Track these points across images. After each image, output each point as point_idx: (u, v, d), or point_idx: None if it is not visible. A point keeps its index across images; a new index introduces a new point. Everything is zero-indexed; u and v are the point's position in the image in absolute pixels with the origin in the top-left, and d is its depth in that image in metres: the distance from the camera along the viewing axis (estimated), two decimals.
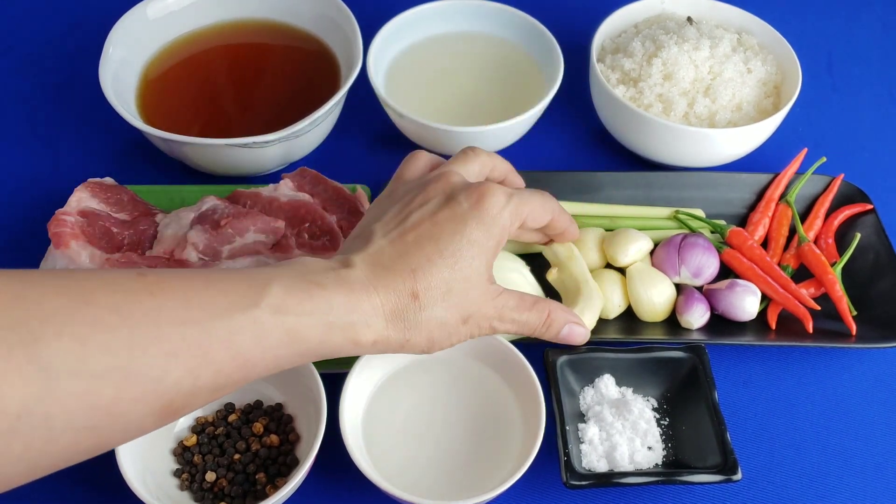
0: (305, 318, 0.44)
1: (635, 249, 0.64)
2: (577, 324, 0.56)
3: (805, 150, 0.74)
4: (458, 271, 0.49)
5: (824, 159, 0.73)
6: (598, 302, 0.61)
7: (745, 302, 0.63)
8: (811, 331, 0.63)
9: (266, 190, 0.67)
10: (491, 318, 0.52)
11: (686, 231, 0.68)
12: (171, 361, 0.40)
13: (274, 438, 0.57)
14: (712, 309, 0.64)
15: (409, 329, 0.48)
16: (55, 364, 0.37)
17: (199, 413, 0.58)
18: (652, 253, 0.66)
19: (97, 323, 0.39)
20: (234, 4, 0.81)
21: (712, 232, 0.70)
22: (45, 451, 0.38)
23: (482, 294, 0.51)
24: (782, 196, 0.72)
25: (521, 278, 0.62)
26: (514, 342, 0.58)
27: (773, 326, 0.64)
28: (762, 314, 0.65)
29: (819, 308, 0.64)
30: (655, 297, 0.63)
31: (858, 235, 0.68)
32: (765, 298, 0.66)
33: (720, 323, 0.65)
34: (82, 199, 0.65)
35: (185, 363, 0.41)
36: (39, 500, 0.56)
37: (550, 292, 0.65)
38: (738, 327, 0.64)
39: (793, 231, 0.70)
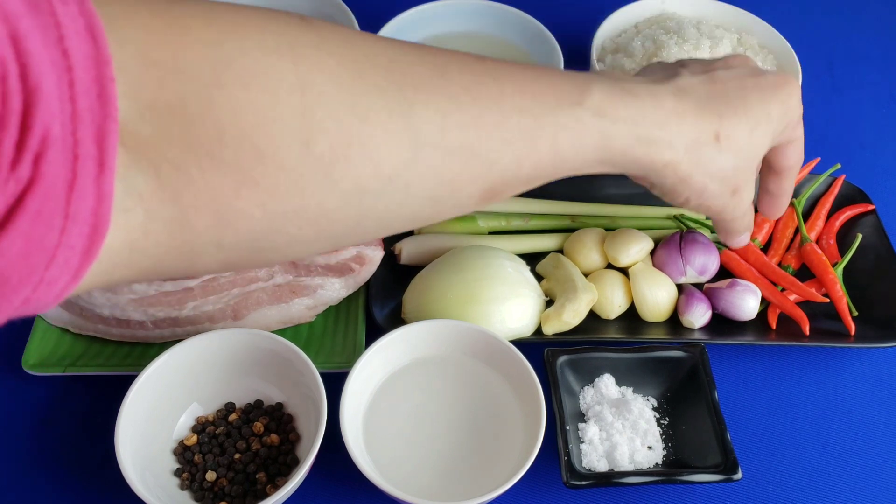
0: (619, 125, 0.44)
1: (637, 250, 0.64)
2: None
3: (818, 158, 0.74)
4: (754, 137, 0.49)
5: (819, 159, 0.73)
6: (583, 296, 0.61)
7: (746, 301, 0.63)
8: (808, 333, 0.62)
9: None
10: (743, 200, 0.52)
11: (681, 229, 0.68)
12: (505, 147, 0.41)
13: (274, 438, 0.57)
14: (712, 308, 0.64)
15: (698, 166, 0.48)
16: (423, 134, 0.38)
17: (199, 413, 0.58)
18: (652, 253, 0.66)
19: (454, 99, 0.39)
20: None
21: (711, 232, 0.70)
22: (397, 214, 0.40)
23: (753, 174, 0.51)
24: None
25: (521, 278, 0.62)
26: (513, 342, 0.58)
27: (774, 326, 0.64)
28: (762, 314, 0.65)
29: (826, 300, 0.64)
30: (660, 296, 0.63)
31: (860, 236, 0.68)
32: (765, 298, 0.66)
33: (720, 322, 0.65)
34: None
35: (515, 151, 0.41)
36: (40, 499, 0.56)
37: None
38: (738, 327, 0.64)
39: (794, 231, 0.70)
